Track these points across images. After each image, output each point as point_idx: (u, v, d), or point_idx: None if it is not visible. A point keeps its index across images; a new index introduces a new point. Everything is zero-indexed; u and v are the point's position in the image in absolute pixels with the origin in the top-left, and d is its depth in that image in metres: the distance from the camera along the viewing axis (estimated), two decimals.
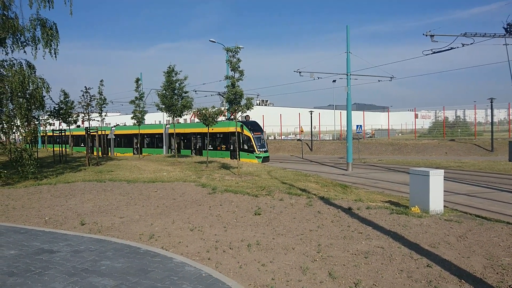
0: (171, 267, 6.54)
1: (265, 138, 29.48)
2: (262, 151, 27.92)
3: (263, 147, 28.26)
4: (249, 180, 14.84)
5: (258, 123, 30.06)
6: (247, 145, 28.00)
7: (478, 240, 7.46)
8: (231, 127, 28.75)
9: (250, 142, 27.80)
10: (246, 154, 27.67)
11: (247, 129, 27.96)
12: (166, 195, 12.61)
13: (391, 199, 12.99)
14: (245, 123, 28.21)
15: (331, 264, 6.59)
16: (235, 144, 27.04)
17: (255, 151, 27.50)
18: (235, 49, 15.82)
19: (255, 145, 27.62)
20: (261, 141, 28.44)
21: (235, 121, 27.83)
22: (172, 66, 21.93)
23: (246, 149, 27.94)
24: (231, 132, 29.18)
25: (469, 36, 20.50)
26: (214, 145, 30.76)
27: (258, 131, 28.58)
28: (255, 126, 28.95)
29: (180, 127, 34.90)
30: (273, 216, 9.76)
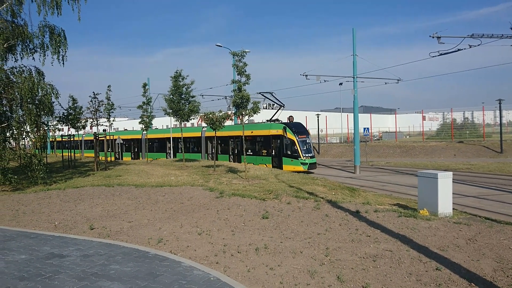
0: (180, 271, 6.57)
1: (311, 141, 26.38)
2: (307, 157, 24.72)
3: (309, 152, 25.11)
4: (257, 183, 14.86)
5: (303, 125, 27.15)
6: (290, 150, 24.93)
7: (488, 242, 7.40)
8: (273, 130, 26.02)
9: (294, 146, 24.70)
10: (289, 160, 24.89)
11: (290, 131, 24.90)
12: (174, 199, 12.66)
13: (399, 202, 12.92)
14: (288, 125, 25.46)
15: (340, 268, 6.57)
16: (277, 149, 25.56)
17: (299, 156, 24.42)
18: (241, 53, 15.90)
19: (300, 149, 24.52)
20: (306, 145, 25.31)
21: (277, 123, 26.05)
22: (179, 70, 22.08)
23: (290, 154, 24.93)
24: (272, 135, 26.09)
25: (476, 37, 20.39)
26: (254, 150, 27.76)
27: (303, 134, 25.40)
28: (300, 128, 25.87)
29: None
30: (281, 219, 9.77)
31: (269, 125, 26.87)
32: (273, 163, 25.77)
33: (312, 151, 25.44)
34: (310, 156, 24.90)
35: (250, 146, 27.77)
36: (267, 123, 27.70)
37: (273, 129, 26.09)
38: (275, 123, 26.55)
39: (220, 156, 30.22)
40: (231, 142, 29.81)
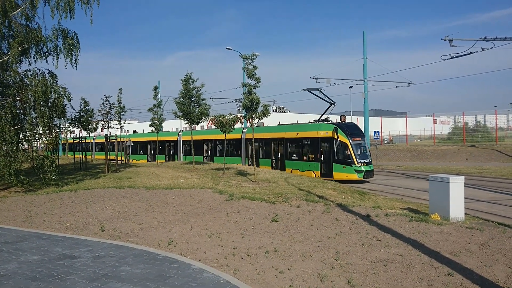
0: (190, 274, 6.60)
1: (368, 144, 23.15)
2: (363, 163, 21.40)
3: (364, 157, 21.80)
4: (266, 186, 14.85)
5: (357, 126, 24.07)
6: (342, 154, 21.73)
7: (501, 248, 7.30)
8: (322, 131, 22.77)
9: (346, 150, 21.49)
10: (341, 166, 21.64)
11: (342, 133, 21.66)
12: (183, 202, 12.71)
13: (410, 206, 12.80)
14: (340, 126, 22.27)
15: (350, 272, 6.54)
16: (327, 154, 22.50)
17: (353, 162, 21.20)
18: (251, 57, 15.92)
19: (354, 154, 21.30)
20: (361, 149, 22.10)
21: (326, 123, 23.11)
22: (189, 74, 22.18)
23: (341, 160, 21.72)
24: (321, 137, 22.74)
25: (489, 40, 20.21)
26: (299, 154, 24.56)
27: (357, 136, 22.16)
28: (354, 130, 22.70)
29: (258, 131, 28.16)
30: (291, 223, 9.74)
31: (317, 126, 23.66)
32: (321, 170, 22.71)
33: (368, 157, 22.21)
34: (366, 162, 21.61)
35: (295, 149, 24.98)
36: (315, 123, 24.69)
37: (322, 130, 22.91)
38: (325, 124, 23.54)
39: (261, 161, 27.51)
40: (274, 145, 26.69)
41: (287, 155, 24.82)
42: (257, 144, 26.80)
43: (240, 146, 29.36)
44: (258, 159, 27.32)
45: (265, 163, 26.91)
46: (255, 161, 25.53)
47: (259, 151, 27.80)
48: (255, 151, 26.51)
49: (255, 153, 26.26)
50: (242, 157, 29.00)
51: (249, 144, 28.45)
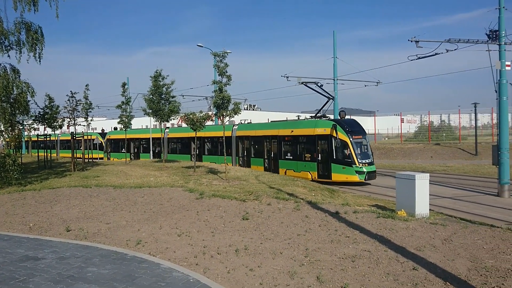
0: (159, 273, 6.50)
1: (368, 143, 21.19)
2: (365, 163, 19.74)
3: (366, 157, 20.17)
4: (237, 185, 14.84)
5: (358, 122, 22.39)
6: (341, 154, 19.99)
7: (463, 243, 7.58)
8: (319, 128, 21.13)
9: (346, 149, 19.80)
10: (340, 167, 19.95)
11: (342, 130, 20.02)
12: (153, 201, 12.52)
13: (377, 203, 13.11)
14: (339, 122, 20.56)
15: (319, 268, 6.62)
16: (325, 153, 20.81)
17: (354, 163, 19.51)
18: (222, 54, 15.83)
19: (354, 154, 19.60)
20: (363, 147, 20.45)
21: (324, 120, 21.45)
22: (159, 70, 21.84)
23: (341, 160, 19.99)
24: (318, 135, 21.06)
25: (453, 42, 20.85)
26: (294, 153, 22.77)
27: (358, 133, 20.50)
28: (354, 127, 21.04)
29: (250, 128, 26.94)
30: (261, 220, 9.77)
31: (314, 123, 21.93)
32: (318, 171, 21.01)
33: (370, 156, 20.54)
34: (368, 162, 19.98)
35: (289, 148, 23.24)
36: (312, 120, 22.98)
37: (319, 127, 21.19)
38: (322, 120, 21.82)
39: (253, 160, 25.64)
40: (266, 144, 24.76)
41: (281, 155, 23.30)
42: (248, 142, 25.35)
43: (230, 145, 27.20)
44: (250, 158, 25.79)
45: (257, 162, 25.23)
46: (246, 160, 24.58)
47: (251, 150, 25.99)
48: (246, 150, 25.80)
49: (246, 152, 25.37)
50: (233, 156, 27.08)
51: (239, 142, 26.69)
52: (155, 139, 34.77)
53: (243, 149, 26.40)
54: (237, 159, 26.70)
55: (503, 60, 16.06)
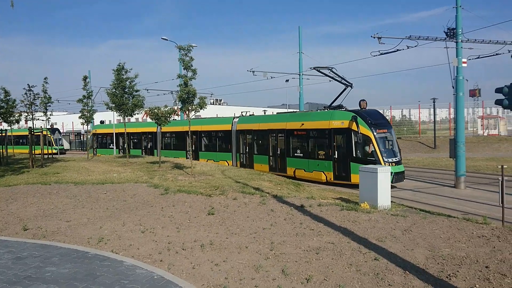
0: (122, 271, 6.36)
1: (395, 138, 18.03)
2: (391, 163, 16.33)
3: (393, 154, 16.98)
4: (203, 180, 14.73)
5: (381, 113, 19.50)
6: (363, 151, 16.82)
7: (422, 233, 7.86)
8: (336, 121, 17.88)
9: (369, 146, 16.62)
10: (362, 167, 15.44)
11: (364, 123, 16.83)
12: (116, 197, 12.23)
13: (342, 196, 13.39)
14: (360, 114, 17.30)
15: (284, 261, 6.68)
16: (343, 150, 17.61)
17: (379, 162, 16.10)
18: (187, 48, 15.64)
19: (379, 151, 16.42)
20: (388, 143, 17.36)
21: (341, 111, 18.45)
22: (122, 63, 21.29)
23: (363, 158, 16.67)
24: (335, 129, 17.83)
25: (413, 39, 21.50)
26: (305, 150, 19.57)
27: (383, 127, 17.36)
28: (378, 118, 17.90)
29: (252, 120, 23.68)
30: (227, 215, 9.75)
31: (329, 114, 18.61)
32: (334, 171, 17.76)
33: (398, 154, 17.25)
34: (396, 161, 16.69)
35: (299, 144, 20.23)
36: (326, 111, 19.64)
37: (336, 119, 17.97)
38: (339, 111, 18.62)
39: (256, 158, 22.51)
40: (272, 139, 21.67)
41: (289, 152, 20.27)
42: (250, 137, 22.65)
43: (230, 140, 24.24)
44: (252, 155, 22.72)
45: (261, 160, 22.11)
46: (247, 158, 22.32)
47: (254, 146, 22.90)
48: (248, 146, 23.06)
49: (248, 149, 22.84)
50: (233, 153, 23.97)
51: (240, 137, 23.59)
52: (147, 134, 31.88)
53: (244, 145, 23.36)
54: (237, 157, 23.71)
55: (460, 57, 16.71)
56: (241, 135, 23.56)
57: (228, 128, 24.42)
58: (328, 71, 20.25)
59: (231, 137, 24.16)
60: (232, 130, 24.10)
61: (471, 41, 21.79)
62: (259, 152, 22.50)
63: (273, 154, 21.47)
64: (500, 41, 22.37)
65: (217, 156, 24.86)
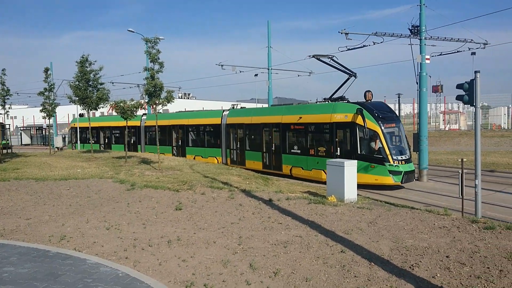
0: (85, 269, 6.16)
1: (404, 132, 16.31)
2: (401, 160, 14.83)
3: (402, 151, 15.41)
4: (171, 174, 14.52)
5: (388, 106, 17.99)
6: (370, 148, 15.19)
7: (386, 225, 8.05)
8: (338, 114, 16.18)
9: (376, 141, 14.95)
10: (368, 165, 14.97)
11: (370, 116, 15.09)
12: (80, 193, 11.86)
13: (310, 190, 13.52)
14: (365, 106, 15.52)
15: (252, 256, 6.67)
16: (346, 146, 16.06)
17: (387, 160, 14.64)
18: (154, 40, 15.35)
19: (388, 147, 14.76)
20: (397, 139, 15.85)
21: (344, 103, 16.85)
22: (85, 55, 20.60)
23: (369, 155, 15.15)
24: (338, 122, 16.16)
25: (379, 35, 21.94)
26: (303, 146, 17.78)
27: (391, 120, 15.72)
28: (385, 111, 16.25)
29: (244, 114, 22.07)
30: (195, 210, 9.65)
31: (331, 107, 16.86)
32: None
33: (407, 151, 15.69)
34: (405, 159, 15.12)
35: (297, 139, 18.46)
36: (327, 103, 17.85)
37: (338, 112, 16.26)
38: (342, 103, 16.91)
39: (248, 154, 20.73)
40: (266, 134, 19.90)
41: (286, 148, 18.58)
42: (242, 131, 21.05)
43: (219, 135, 22.64)
44: (244, 152, 21.01)
45: (254, 157, 20.38)
46: (239, 154, 20.76)
47: (245, 141, 21.14)
48: (239, 142, 21.36)
49: (239, 144, 21.24)
50: (223, 149, 22.36)
51: (231, 131, 21.92)
52: (130, 128, 29.07)
53: (235, 141, 21.76)
54: (227, 153, 22.12)
55: (424, 54, 17.18)
56: (231, 129, 21.96)
57: (217, 122, 22.83)
58: (328, 59, 18.45)
59: (220, 131, 22.56)
60: (221, 124, 22.48)
61: (434, 38, 22.47)
62: (251, 148, 20.83)
63: (267, 151, 19.82)
64: (461, 39, 23.20)
65: (205, 152, 23.38)
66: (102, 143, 32.59)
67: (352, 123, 15.51)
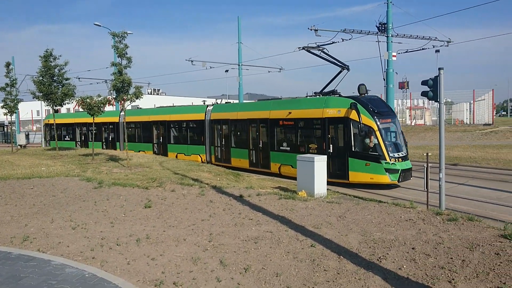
0: (49, 271, 5.96)
1: (400, 128, 15.59)
2: (398, 158, 13.98)
3: (399, 148, 14.61)
4: (140, 172, 14.27)
5: (383, 101, 17.22)
6: (364, 144, 14.18)
7: (355, 218, 8.19)
8: (331, 109, 15.16)
9: (372, 138, 13.96)
10: (362, 163, 14.17)
11: (365, 111, 14.19)
12: (44, 192, 11.46)
13: (280, 185, 13.59)
14: (360, 100, 14.55)
15: (222, 252, 6.65)
16: (338, 143, 15.07)
17: (383, 157, 13.79)
18: (121, 34, 15.01)
19: (384, 144, 13.92)
20: (392, 135, 14.93)
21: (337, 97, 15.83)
22: (50, 50, 19.90)
23: (364, 153, 14.23)
24: (330, 118, 15.17)
25: (348, 32, 22.31)
26: (293, 143, 16.89)
27: (386, 116, 14.87)
28: (381, 106, 15.28)
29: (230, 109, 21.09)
30: (164, 208, 9.52)
31: (323, 101, 15.80)
32: (329, 168, 14.19)
33: (404, 148, 14.85)
34: (402, 156, 14.31)
35: (286, 136, 17.45)
36: (318, 97, 16.71)
37: (331, 107, 15.24)
38: (335, 98, 15.87)
39: (234, 152, 19.66)
40: (253, 130, 18.84)
41: (274, 145, 17.60)
42: (227, 127, 20.18)
43: (203, 131, 21.51)
44: (230, 149, 19.95)
45: (240, 155, 19.33)
46: (224, 152, 19.93)
47: (231, 138, 20.10)
48: (225, 138, 20.37)
49: (224, 141, 20.24)
50: (206, 146, 21.27)
51: (216, 128, 20.86)
52: (108, 124, 28.47)
53: (220, 137, 20.68)
54: (212, 150, 21.03)
55: (390, 51, 17.61)
56: (216, 125, 20.88)
57: (200, 118, 21.73)
58: (319, 51, 17.73)
59: (204, 127, 21.47)
60: (205, 119, 21.40)
61: (400, 36, 23.05)
62: (237, 146, 19.72)
63: (254, 148, 18.72)
64: (426, 37, 23.90)
65: (188, 149, 22.27)
66: (78, 140, 31.21)
67: (346, 118, 14.61)
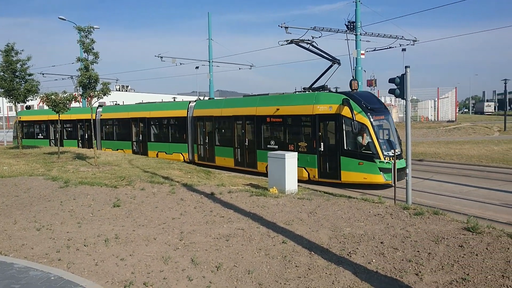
0: (12, 274, 5.73)
1: (394, 125, 14.93)
2: (392, 157, 12.64)
3: (393, 146, 13.89)
4: (108, 170, 13.94)
5: (376, 96, 16.82)
6: (357, 142, 13.53)
7: (325, 214, 8.30)
8: (322, 105, 14.44)
9: (365, 135, 13.33)
10: (355, 162, 13.49)
11: (358, 108, 13.49)
12: (6, 192, 11.02)
13: (252, 182, 13.60)
14: (352, 96, 13.90)
15: (194, 251, 6.58)
16: (330, 141, 14.38)
17: (377, 156, 13.12)
18: (88, 29, 14.60)
19: (378, 142, 13.24)
20: (386, 132, 14.33)
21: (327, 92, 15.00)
22: (11, 44, 19.10)
23: (356, 151, 13.56)
24: (320, 115, 14.45)
25: (317, 30, 22.53)
26: (282, 141, 16.05)
27: (379, 113, 14.16)
28: (374, 102, 14.71)
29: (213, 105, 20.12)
30: (134, 207, 9.34)
31: (314, 97, 15.05)
32: (320, 167, 14.34)
33: (398, 145, 14.20)
34: (397, 154, 13.24)
35: (274, 134, 16.69)
36: (309, 93, 15.95)
37: (322, 103, 14.51)
38: (326, 93, 15.05)
39: (218, 150, 18.77)
40: (238, 127, 17.99)
41: (260, 143, 16.74)
42: (211, 125, 19.29)
43: (185, 129, 20.62)
44: (213, 147, 19.03)
45: (225, 153, 18.43)
46: (208, 150, 19.11)
47: (215, 135, 19.11)
48: (208, 136, 19.39)
49: (208, 139, 19.33)
50: (189, 144, 20.41)
51: (199, 125, 19.98)
52: (84, 122, 26.87)
53: (203, 135, 19.78)
54: (194, 148, 20.20)
55: (359, 49, 17.93)
56: (199, 122, 20.03)
57: (182, 115, 20.85)
58: (307, 45, 17.01)
59: (186, 125, 20.62)
60: (187, 116, 20.56)
61: (368, 34, 23.48)
62: (222, 144, 18.83)
63: (239, 146, 17.87)
64: (393, 36, 24.47)
65: (169, 147, 21.31)
66: (52, 138, 29.41)
67: (338, 115, 13.90)
